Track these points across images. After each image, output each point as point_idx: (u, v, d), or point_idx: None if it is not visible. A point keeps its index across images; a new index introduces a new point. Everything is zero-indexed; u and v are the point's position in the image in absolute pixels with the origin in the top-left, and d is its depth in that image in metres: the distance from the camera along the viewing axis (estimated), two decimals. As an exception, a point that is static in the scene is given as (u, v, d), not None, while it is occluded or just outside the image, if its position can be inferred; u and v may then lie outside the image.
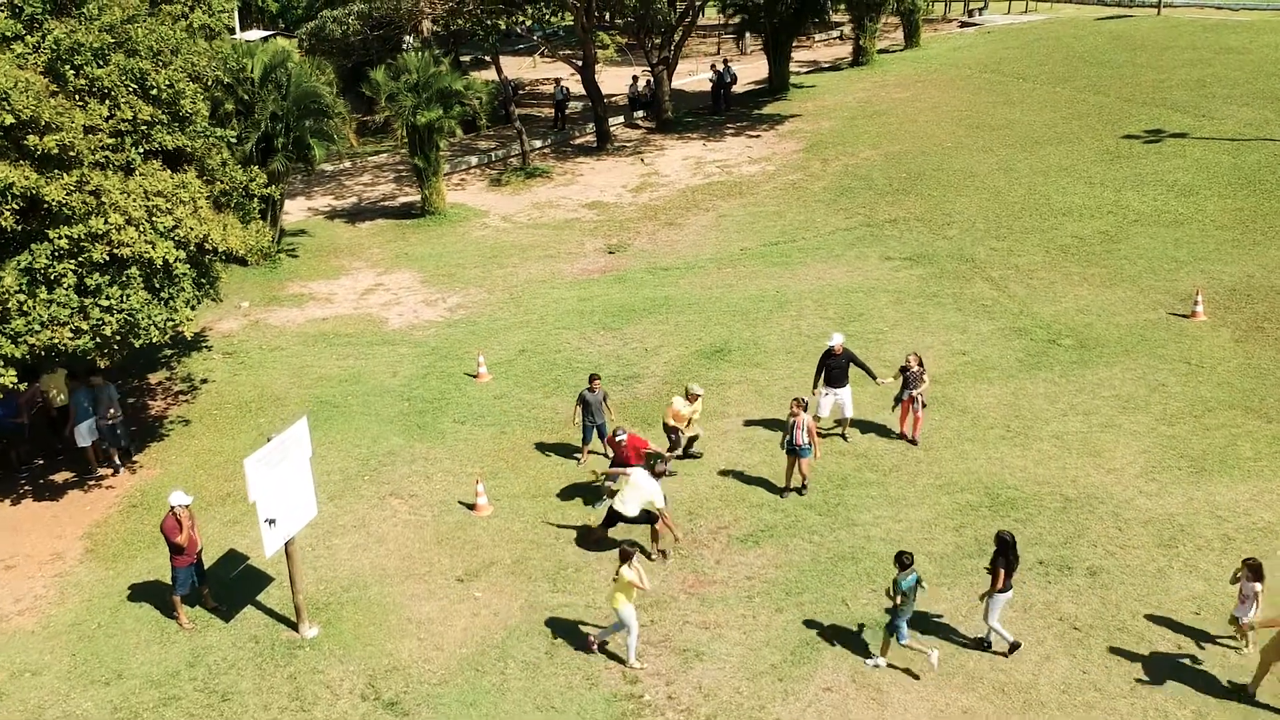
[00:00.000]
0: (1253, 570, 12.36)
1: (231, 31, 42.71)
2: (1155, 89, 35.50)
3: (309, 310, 24.87)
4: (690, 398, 17.12)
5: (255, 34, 45.90)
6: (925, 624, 13.41)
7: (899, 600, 12.31)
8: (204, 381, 21.22)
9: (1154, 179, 27.89)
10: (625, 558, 12.77)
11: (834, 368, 17.30)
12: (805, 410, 15.83)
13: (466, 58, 47.09)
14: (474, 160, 36.70)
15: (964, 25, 51.58)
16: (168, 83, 16.90)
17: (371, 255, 28.56)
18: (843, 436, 17.79)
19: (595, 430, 17.29)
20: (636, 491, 14.80)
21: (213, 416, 19.86)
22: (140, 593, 14.94)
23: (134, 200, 15.58)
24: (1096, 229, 25.44)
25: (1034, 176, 29.19)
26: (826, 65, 47.06)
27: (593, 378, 17.34)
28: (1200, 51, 39.09)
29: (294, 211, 31.99)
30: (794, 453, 15.93)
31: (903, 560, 12.30)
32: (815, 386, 17.56)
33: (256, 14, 57.35)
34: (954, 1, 56.08)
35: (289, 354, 22.42)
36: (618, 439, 15.89)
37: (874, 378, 17.63)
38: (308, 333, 23.54)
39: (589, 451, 17.65)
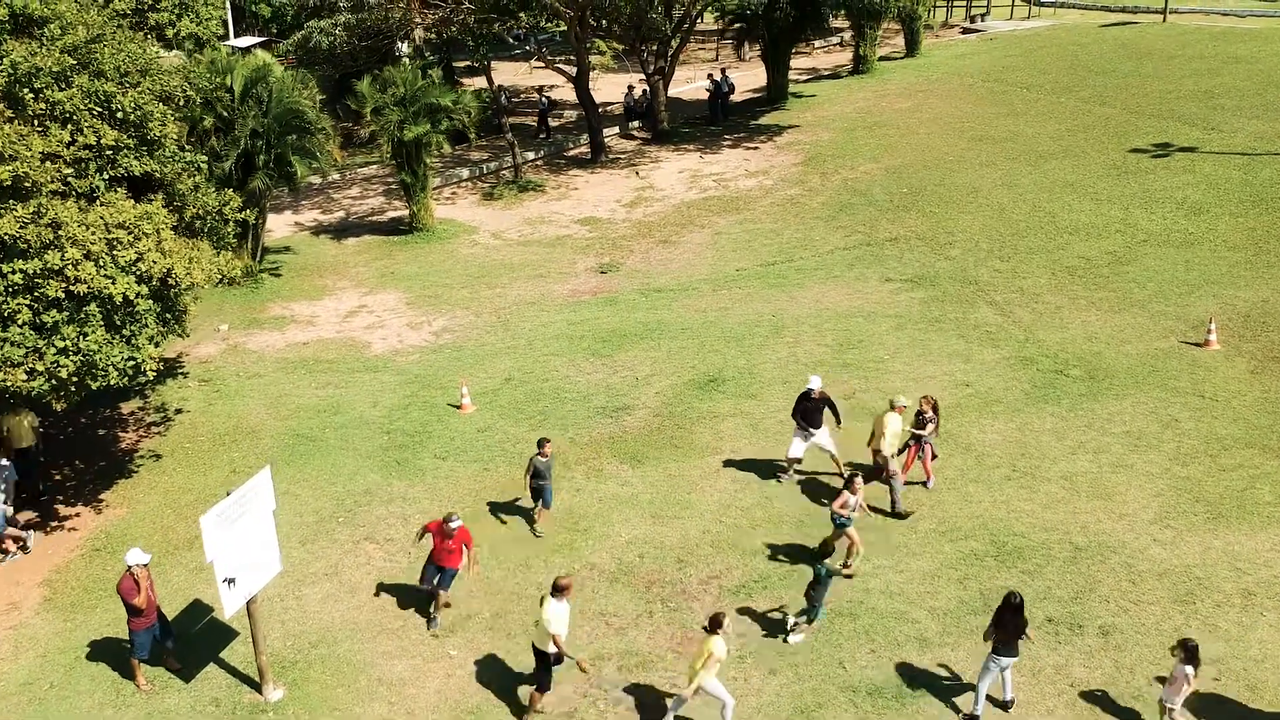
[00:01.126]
0: (1188, 652, 11.32)
1: (223, 38, 41.97)
2: (1162, 100, 34.63)
3: (290, 334, 24.05)
4: (899, 410, 16.07)
5: (247, 40, 45.07)
6: (921, 687, 12.63)
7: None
8: (178, 411, 20.41)
9: (1163, 196, 27.03)
10: (715, 626, 11.85)
11: (810, 410, 16.66)
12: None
13: (460, 64, 46.27)
14: (465, 173, 35.84)
15: (966, 32, 50.71)
16: (134, 105, 16.14)
17: (357, 274, 27.74)
18: (841, 476, 16.97)
19: (546, 491, 16.17)
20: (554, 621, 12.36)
21: (185, 450, 19.06)
22: (98, 649, 14.16)
23: (94, 233, 14.78)
24: (1104, 249, 24.60)
25: (1039, 193, 28.34)
26: (826, 73, 46.23)
27: (542, 442, 16.01)
28: (1208, 61, 38.22)
29: (279, 227, 31.16)
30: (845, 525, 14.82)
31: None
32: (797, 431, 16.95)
33: (250, 19, 56.48)
34: (955, 7, 55.24)
35: (267, 381, 21.60)
36: (450, 525, 13.88)
37: (838, 423, 16.94)
38: (287, 358, 22.72)
39: (544, 512, 16.42)
